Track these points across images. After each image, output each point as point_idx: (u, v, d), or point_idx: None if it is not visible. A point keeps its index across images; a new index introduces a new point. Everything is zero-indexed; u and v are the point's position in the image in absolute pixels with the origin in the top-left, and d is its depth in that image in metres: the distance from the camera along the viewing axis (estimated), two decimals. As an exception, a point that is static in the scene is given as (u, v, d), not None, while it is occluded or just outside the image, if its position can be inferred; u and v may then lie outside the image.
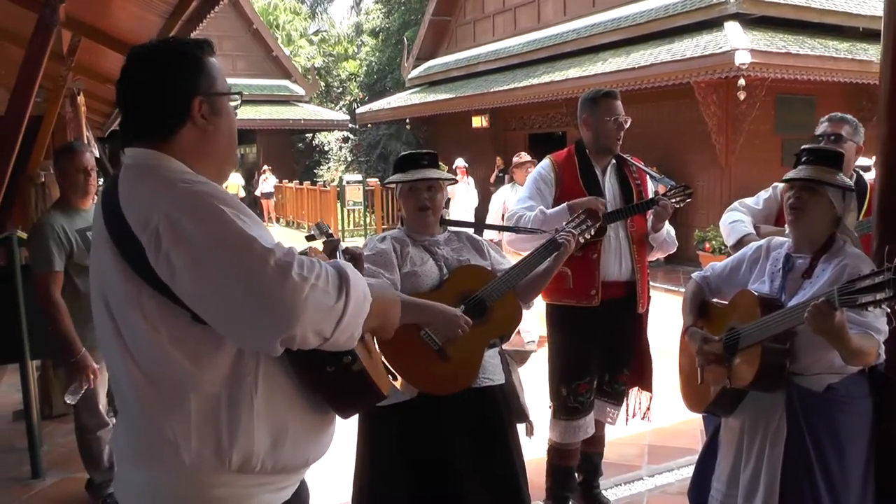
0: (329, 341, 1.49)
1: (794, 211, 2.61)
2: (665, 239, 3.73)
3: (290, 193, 22.35)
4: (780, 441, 2.55)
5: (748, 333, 2.56)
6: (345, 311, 1.49)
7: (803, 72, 11.28)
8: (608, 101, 3.67)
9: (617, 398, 3.82)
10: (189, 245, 1.44)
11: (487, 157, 18.58)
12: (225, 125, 1.68)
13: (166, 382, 1.51)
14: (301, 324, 1.42)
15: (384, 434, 2.84)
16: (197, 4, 5.07)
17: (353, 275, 1.54)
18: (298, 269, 1.43)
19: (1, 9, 5.66)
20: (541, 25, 16.97)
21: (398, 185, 2.98)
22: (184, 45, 1.68)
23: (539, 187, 3.74)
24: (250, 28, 25.83)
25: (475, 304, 2.83)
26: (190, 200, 1.48)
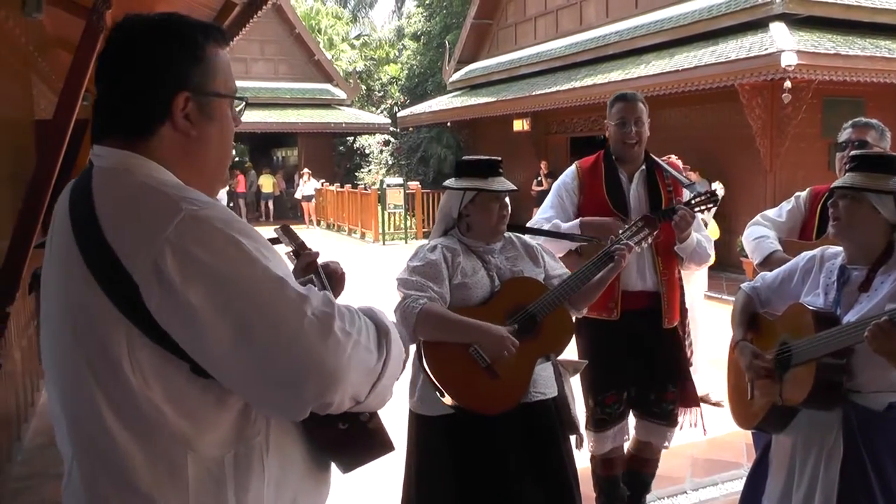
0: (361, 405, 1.30)
1: (833, 221, 2.51)
2: (695, 249, 3.51)
3: (331, 196, 22.50)
4: (835, 461, 2.41)
5: (802, 350, 2.44)
6: (383, 372, 1.30)
7: (852, 73, 11.01)
8: (617, 104, 3.58)
9: (667, 419, 3.64)
10: (207, 287, 1.17)
11: (528, 160, 18.53)
12: (215, 133, 1.35)
13: (158, 444, 1.22)
14: (342, 388, 1.23)
15: (434, 446, 2.81)
16: (240, 10, 5.13)
17: (392, 327, 1.35)
18: (340, 321, 1.22)
19: (51, 16, 5.79)
20: (583, 28, 16.87)
21: (470, 192, 2.85)
22: (183, 25, 1.34)
23: (561, 196, 3.66)
24: (293, 32, 26.07)
25: (525, 319, 2.76)
26: (200, 229, 1.19)
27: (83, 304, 1.22)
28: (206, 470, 1.24)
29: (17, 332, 4.88)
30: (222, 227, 1.20)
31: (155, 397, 1.21)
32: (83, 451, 1.26)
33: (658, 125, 3.64)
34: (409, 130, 26.96)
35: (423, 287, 2.67)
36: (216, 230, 1.20)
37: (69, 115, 3.88)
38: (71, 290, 1.25)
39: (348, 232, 20.84)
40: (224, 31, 1.43)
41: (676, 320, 3.64)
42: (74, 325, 1.24)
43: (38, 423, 5.40)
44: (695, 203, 3.37)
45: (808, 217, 3.45)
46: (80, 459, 1.27)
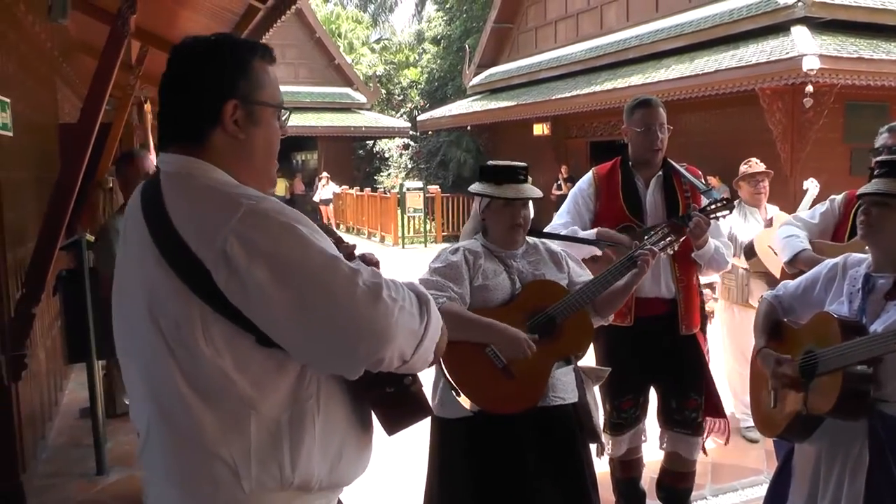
0: (407, 364, 1.48)
1: (864, 227, 2.48)
2: (713, 256, 3.46)
3: (351, 200, 22.58)
4: (861, 472, 2.38)
5: (828, 358, 2.40)
6: (425, 334, 1.48)
7: (876, 77, 10.88)
8: (640, 109, 3.56)
9: (690, 427, 3.60)
10: (270, 267, 1.35)
11: (548, 164, 18.49)
12: (261, 137, 1.54)
13: (225, 406, 1.42)
14: (392, 347, 1.41)
15: (454, 448, 2.83)
16: (263, 14, 5.18)
17: (431, 299, 1.54)
18: (388, 290, 1.42)
19: (76, 22, 5.87)
20: (603, 32, 16.84)
21: (490, 198, 2.87)
22: (231, 43, 1.55)
23: (577, 202, 3.65)
24: (313, 36, 26.21)
25: (544, 321, 2.76)
26: (259, 219, 1.38)
27: (158, 289, 1.42)
28: (265, 429, 1.43)
29: (42, 332, 4.95)
30: (277, 216, 1.40)
31: (225, 366, 1.41)
32: (160, 416, 1.46)
33: (678, 130, 3.62)
34: (428, 134, 26.98)
35: (442, 287, 2.69)
36: (272, 219, 1.39)
37: (94, 120, 3.93)
38: (147, 278, 1.44)
39: (368, 235, 20.91)
40: (270, 50, 1.60)
41: (696, 327, 3.60)
42: (150, 308, 1.43)
43: (62, 422, 5.48)
44: (711, 210, 3.33)
45: (841, 220, 3.45)
46: (157, 423, 1.47)
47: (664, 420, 3.67)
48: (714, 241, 3.47)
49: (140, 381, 1.50)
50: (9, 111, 4.07)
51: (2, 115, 3.95)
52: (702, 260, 3.48)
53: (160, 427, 1.47)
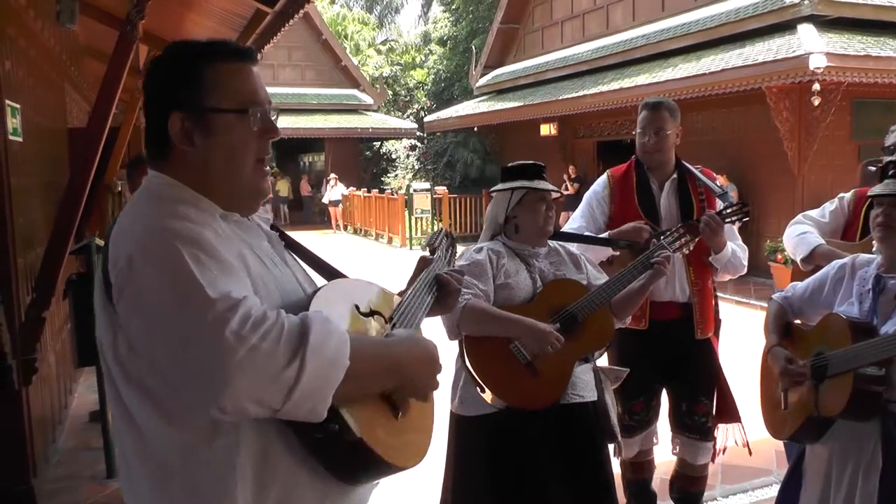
0: (281, 412, 1.25)
1: (883, 229, 2.46)
2: (730, 260, 3.44)
3: (358, 201, 22.62)
4: (874, 473, 2.37)
5: (839, 360, 2.40)
6: (298, 379, 1.23)
7: (884, 74, 10.86)
8: (641, 112, 3.55)
9: (700, 432, 3.58)
10: (137, 290, 1.28)
11: (556, 164, 18.48)
12: (217, 147, 1.43)
13: (147, 432, 1.35)
14: (231, 393, 1.20)
15: (473, 446, 2.85)
16: (271, 19, 5.20)
17: (318, 335, 1.27)
18: (238, 325, 1.21)
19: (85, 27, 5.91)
20: (609, 31, 16.83)
21: (521, 192, 2.91)
22: (177, 51, 1.47)
23: (591, 205, 3.65)
24: (319, 38, 26.25)
25: (567, 318, 2.79)
26: (149, 240, 1.31)
27: (99, 305, 1.39)
28: (183, 464, 1.33)
29: (52, 336, 4.98)
30: (170, 239, 1.29)
31: (132, 389, 1.35)
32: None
33: (685, 129, 3.60)
34: (435, 135, 27.00)
35: (467, 284, 2.71)
36: (163, 241, 1.30)
37: (103, 124, 3.96)
38: (95, 294, 1.42)
39: (375, 237, 20.92)
40: (233, 49, 1.49)
41: (710, 331, 3.58)
42: (98, 328, 1.41)
43: (72, 425, 5.51)
44: (726, 214, 3.30)
45: (851, 219, 3.43)
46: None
47: (675, 424, 3.67)
48: (731, 244, 3.45)
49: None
50: (19, 117, 4.10)
51: (12, 121, 3.98)
52: (718, 264, 3.46)
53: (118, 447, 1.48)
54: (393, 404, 1.49)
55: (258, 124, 1.48)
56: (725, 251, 3.40)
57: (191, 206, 1.39)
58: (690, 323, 3.51)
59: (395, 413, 1.49)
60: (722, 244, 3.36)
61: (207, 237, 1.33)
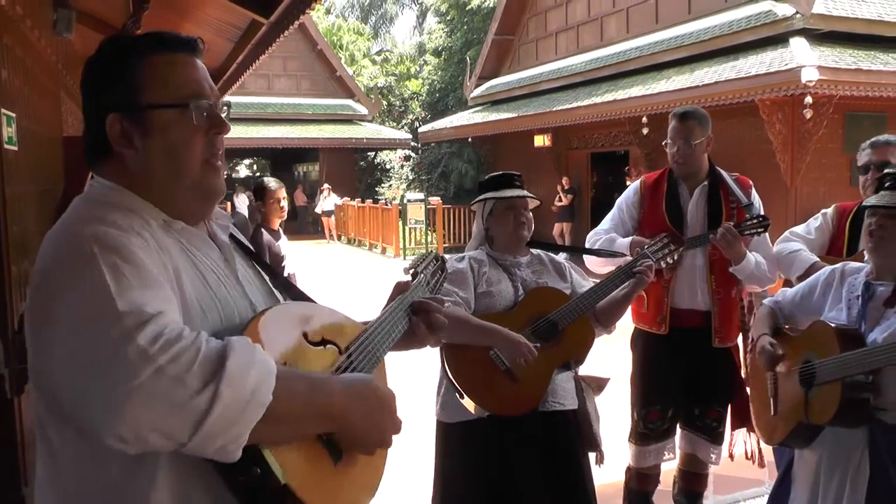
0: (188, 447, 1.10)
1: (877, 239, 2.51)
2: (753, 272, 3.40)
3: (352, 211, 22.63)
4: (862, 480, 2.41)
5: (827, 368, 2.44)
6: (209, 412, 1.07)
7: (875, 88, 10.93)
8: (672, 122, 3.60)
9: (711, 435, 3.62)
10: (43, 296, 1.18)
11: (549, 176, 18.54)
12: (157, 146, 1.32)
13: (55, 447, 1.24)
14: (129, 419, 1.06)
15: (454, 452, 2.88)
16: (266, 29, 5.23)
17: (239, 363, 1.11)
18: (147, 343, 1.07)
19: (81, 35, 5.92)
20: (604, 43, 16.90)
21: (491, 203, 2.97)
22: (111, 47, 1.36)
23: (622, 209, 3.70)
24: (315, 49, 26.31)
25: (546, 326, 2.81)
26: (68, 243, 1.21)
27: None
28: (106, 497, 1.22)
29: (45, 344, 4.96)
30: (88, 244, 1.18)
31: (42, 400, 1.24)
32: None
33: (679, 140, 3.64)
34: (430, 146, 27.03)
35: (447, 292, 2.74)
36: (80, 246, 1.18)
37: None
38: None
39: (369, 247, 20.92)
40: (170, 39, 1.37)
41: (732, 341, 3.59)
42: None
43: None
44: (746, 226, 3.33)
45: (836, 234, 3.45)
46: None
47: (685, 422, 3.69)
48: (756, 256, 3.44)
49: None
50: (14, 126, 4.10)
51: (8, 130, 3.98)
52: (740, 275, 3.45)
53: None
54: (334, 446, 1.31)
55: (202, 120, 1.35)
56: (747, 263, 3.39)
57: (124, 211, 1.28)
58: (709, 330, 3.52)
59: (335, 457, 1.32)
60: (740, 255, 3.36)
61: (132, 245, 1.21)
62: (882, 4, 12.12)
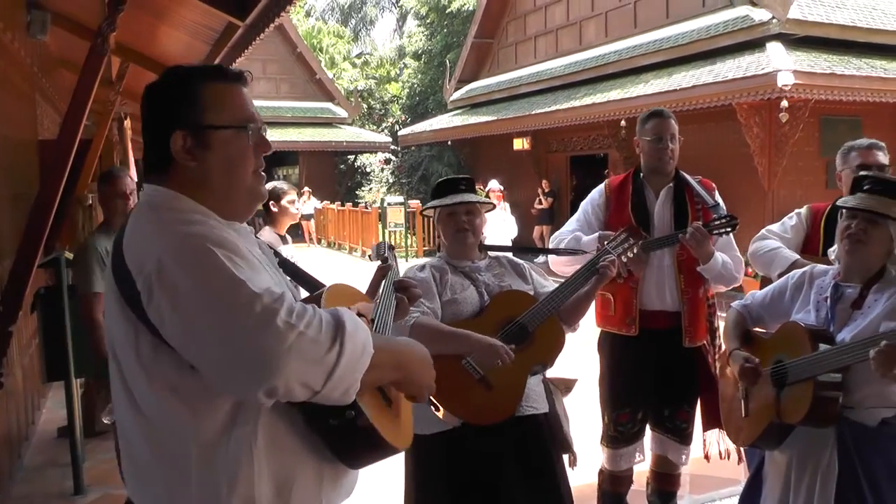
0: (320, 394, 1.38)
1: (855, 242, 2.52)
2: (720, 271, 3.43)
3: (332, 215, 22.55)
4: (831, 478, 2.44)
5: (798, 368, 2.47)
6: (337, 363, 1.37)
7: (849, 93, 11.08)
8: (652, 120, 3.60)
9: (680, 436, 3.62)
10: (174, 290, 1.37)
11: (529, 179, 18.59)
12: (215, 161, 1.55)
13: (166, 430, 1.45)
14: (283, 375, 1.32)
15: (430, 462, 2.82)
16: (242, 32, 5.20)
17: (351, 324, 1.42)
18: (286, 315, 1.34)
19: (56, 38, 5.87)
20: (582, 47, 16.98)
21: (437, 210, 2.97)
22: (179, 74, 1.59)
23: (587, 212, 3.70)
24: (294, 52, 26.24)
25: (517, 330, 2.79)
26: (180, 244, 1.42)
27: (110, 307, 1.50)
28: (203, 453, 1.43)
29: (20, 350, 4.91)
30: (200, 242, 1.41)
31: (157, 386, 1.44)
32: (122, 438, 1.54)
33: (657, 144, 3.67)
34: (410, 149, 27.04)
35: (415, 304, 2.70)
36: (194, 245, 1.40)
37: (73, 136, 3.93)
38: (107, 296, 1.53)
39: (349, 250, 20.86)
40: (227, 71, 1.62)
41: (700, 340, 3.60)
42: (109, 326, 1.53)
43: (39, 441, 5.42)
44: (713, 226, 3.34)
45: (810, 233, 3.48)
46: (122, 445, 1.55)
47: (655, 423, 3.69)
48: (722, 256, 3.46)
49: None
50: (-13, 129, 4.06)
51: (-20, 133, 3.93)
52: (708, 274, 3.46)
53: (126, 451, 1.55)
54: (384, 394, 1.63)
55: (254, 139, 1.59)
56: (714, 262, 3.41)
57: (200, 214, 1.51)
58: (680, 331, 3.53)
59: (386, 402, 1.64)
60: (708, 255, 3.37)
61: (232, 238, 1.46)
62: (855, 10, 12.29)
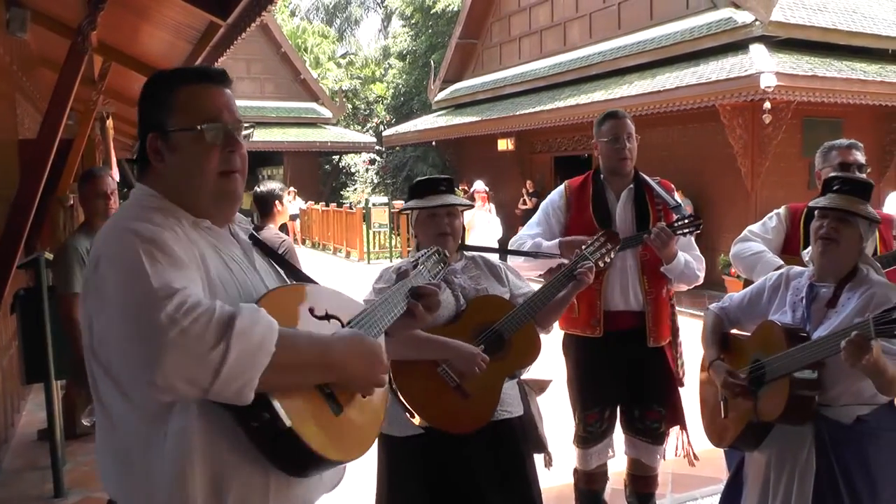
0: (211, 392, 1.36)
1: (827, 241, 2.55)
2: (683, 271, 3.47)
3: (317, 215, 22.50)
4: (809, 475, 2.48)
5: (775, 366, 2.50)
6: (224, 361, 1.34)
7: (830, 94, 11.17)
8: (608, 121, 3.60)
9: (652, 436, 3.63)
10: (98, 282, 1.46)
11: (513, 179, 18.61)
12: (179, 162, 1.60)
13: (117, 421, 1.50)
14: (161, 370, 1.32)
15: (404, 467, 2.80)
16: (224, 31, 5.16)
17: (245, 323, 1.38)
18: (173, 310, 1.35)
19: (36, 36, 5.81)
20: (567, 48, 17.02)
21: (416, 211, 2.91)
22: (154, 77, 1.68)
23: (548, 214, 3.70)
24: (279, 51, 26.17)
25: (493, 337, 2.75)
26: (114, 237, 1.49)
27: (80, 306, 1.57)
28: (140, 447, 1.46)
29: (-1, 352, 4.86)
30: (128, 236, 1.46)
31: (101, 371, 1.50)
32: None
33: (641, 145, 3.66)
34: (394, 149, 27.02)
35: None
36: (122, 238, 1.47)
37: (53, 135, 3.89)
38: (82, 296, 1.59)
39: (333, 251, 20.81)
40: (206, 72, 1.67)
41: (664, 339, 3.62)
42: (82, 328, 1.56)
43: (19, 444, 5.37)
44: (677, 226, 3.36)
45: (790, 233, 3.50)
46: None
47: (626, 426, 3.70)
48: (684, 255, 3.50)
49: None
50: (-35, 128, 4.01)
51: (-42, 132, 3.89)
52: (671, 274, 3.50)
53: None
54: (334, 400, 1.56)
55: (218, 139, 1.61)
56: (677, 262, 3.44)
57: (160, 212, 1.56)
58: (644, 332, 3.54)
59: (335, 409, 1.56)
60: (672, 255, 3.40)
61: (164, 236, 1.48)
62: (836, 13, 12.41)
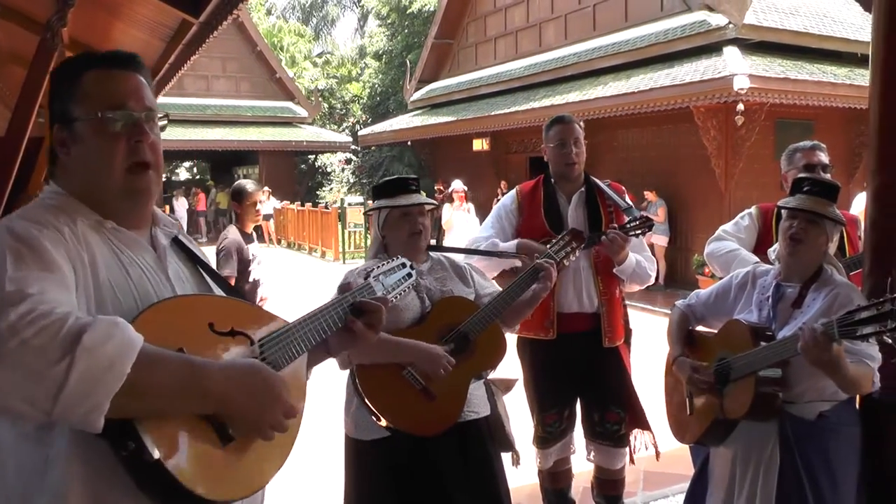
0: (53, 415, 1.18)
1: (796, 242, 2.58)
2: (635, 271, 3.52)
3: (292, 215, 22.40)
4: (773, 470, 2.52)
5: (741, 364, 2.53)
6: (66, 380, 1.16)
7: (802, 97, 11.34)
8: (555, 126, 3.63)
9: (613, 439, 3.65)
10: None
11: (489, 179, 18.64)
12: (81, 153, 1.48)
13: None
14: None
15: (371, 470, 2.78)
16: (197, 29, 5.12)
17: (97, 338, 1.20)
18: (17, 318, 1.17)
19: (4, 31, 5.72)
20: (542, 49, 17.08)
21: (384, 211, 2.87)
22: (64, 64, 1.56)
23: (500, 217, 3.72)
24: (254, 50, 26.00)
25: (458, 338, 2.74)
26: None
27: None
28: (20, 464, 1.34)
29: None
30: (5, 236, 1.33)
31: None
32: None
33: (616, 146, 3.71)
34: (370, 149, 26.95)
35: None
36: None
37: (21, 134, 3.84)
38: None
39: (308, 251, 20.73)
40: (105, 55, 1.53)
41: (619, 340, 3.65)
42: None
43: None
44: (630, 227, 3.39)
45: (762, 232, 3.55)
46: None
47: (588, 432, 3.72)
48: (636, 255, 3.54)
49: None
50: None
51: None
52: (623, 275, 3.53)
53: None
54: (224, 430, 1.36)
55: (121, 128, 1.48)
56: (629, 263, 3.48)
57: (55, 210, 1.43)
58: (599, 332, 3.56)
59: (223, 440, 1.36)
60: (624, 257, 3.44)
61: (41, 237, 1.34)
62: (807, 17, 12.59)
